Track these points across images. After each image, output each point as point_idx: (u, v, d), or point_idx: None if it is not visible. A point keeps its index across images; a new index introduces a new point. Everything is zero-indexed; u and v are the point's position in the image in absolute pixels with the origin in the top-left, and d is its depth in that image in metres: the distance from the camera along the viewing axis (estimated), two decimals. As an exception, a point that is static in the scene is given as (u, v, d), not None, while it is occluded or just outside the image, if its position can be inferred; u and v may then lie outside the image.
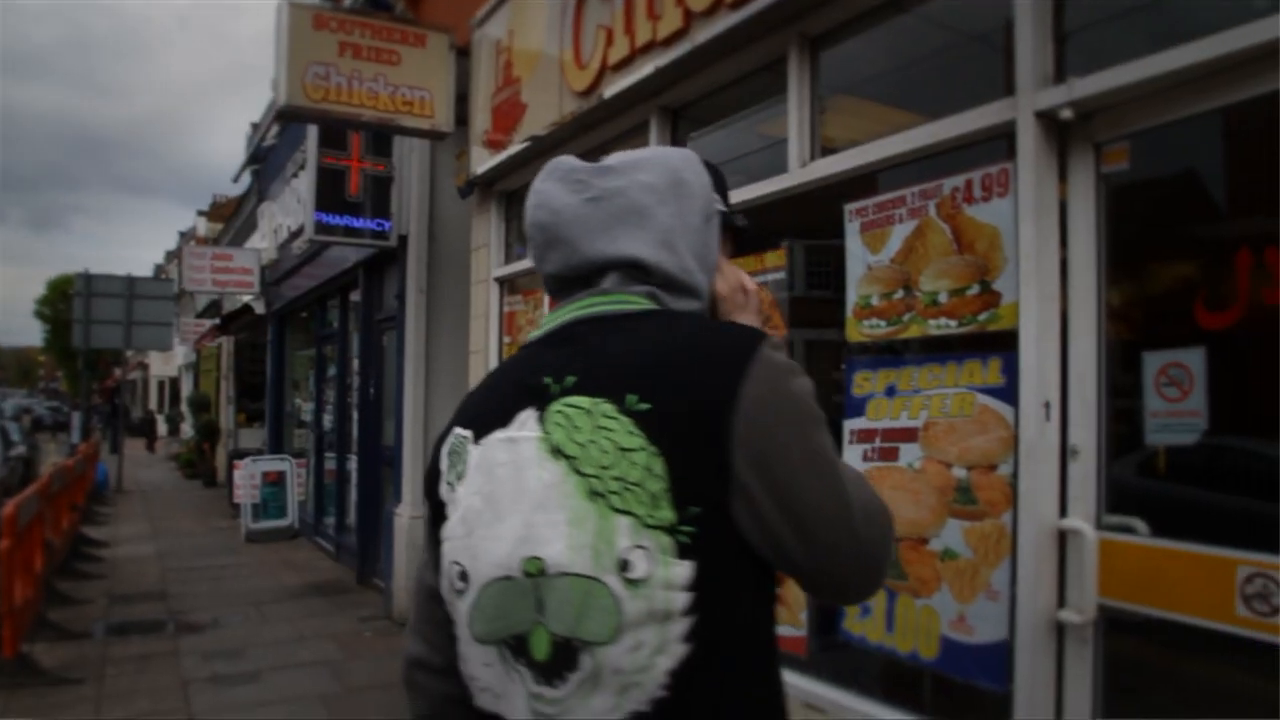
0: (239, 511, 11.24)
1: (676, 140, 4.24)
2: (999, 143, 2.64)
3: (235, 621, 7.04)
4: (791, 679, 3.28)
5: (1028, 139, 2.51)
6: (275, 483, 11.37)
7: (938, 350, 2.83)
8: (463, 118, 6.00)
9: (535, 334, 1.16)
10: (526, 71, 5.16)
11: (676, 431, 0.97)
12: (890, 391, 2.96)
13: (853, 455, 3.07)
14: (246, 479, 11.14)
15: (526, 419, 1.05)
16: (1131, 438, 2.43)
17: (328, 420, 10.64)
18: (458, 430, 1.15)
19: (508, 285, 5.88)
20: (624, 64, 4.13)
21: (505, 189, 5.87)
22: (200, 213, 32.89)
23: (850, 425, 3.10)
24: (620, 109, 4.42)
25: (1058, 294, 2.51)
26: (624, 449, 0.97)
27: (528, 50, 5.14)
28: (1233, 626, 2.10)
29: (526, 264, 5.46)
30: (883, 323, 2.99)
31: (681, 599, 0.95)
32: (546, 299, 5.00)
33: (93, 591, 7.94)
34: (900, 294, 2.93)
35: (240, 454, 12.93)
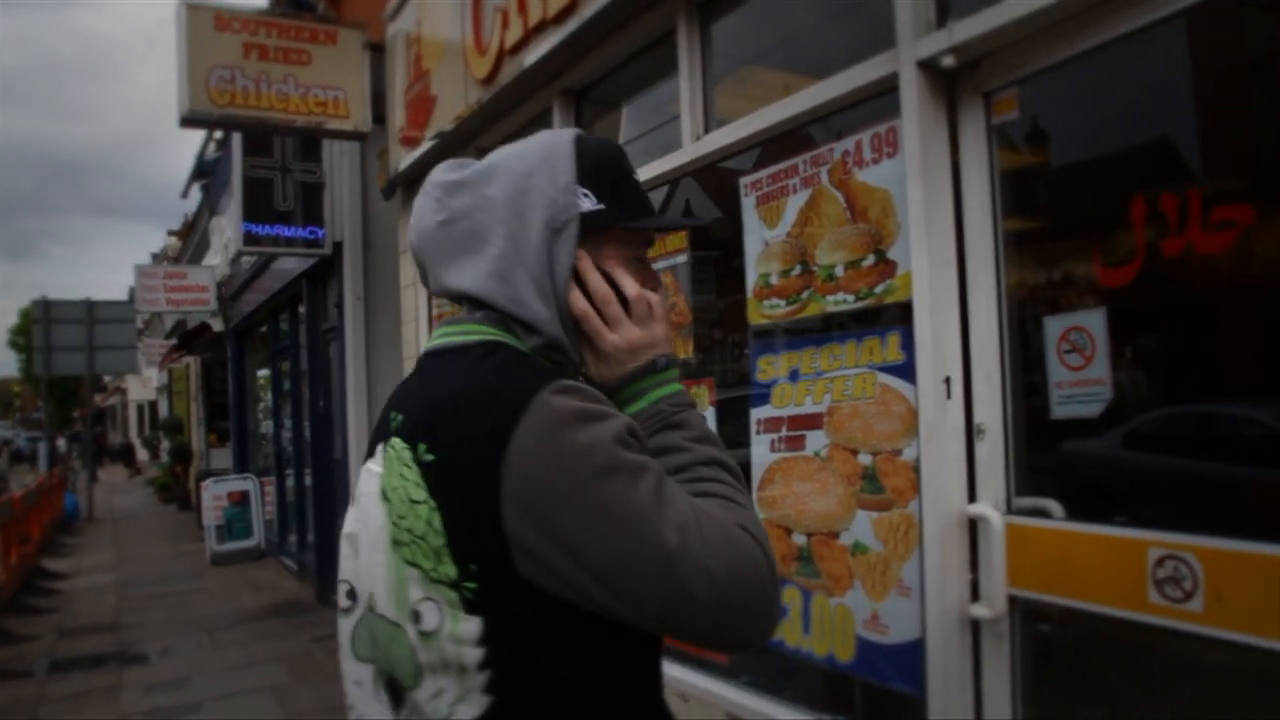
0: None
1: (580, 126, 4.03)
2: (890, 99, 2.42)
3: (185, 650, 6.80)
4: (714, 688, 3.07)
5: (911, 92, 2.30)
6: (240, 503, 11.08)
7: (839, 329, 2.62)
8: (382, 116, 5.77)
9: (422, 350, 1.13)
10: (435, 62, 4.94)
11: (451, 486, 0.93)
12: (794, 376, 2.75)
13: (760, 446, 2.86)
14: (210, 500, 10.88)
15: (379, 453, 1.04)
16: (1042, 412, 2.23)
17: (286, 436, 10.40)
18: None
19: (436, 287, 5.65)
20: (520, 46, 3.91)
21: (429, 187, 5.63)
22: (171, 232, 32.46)
23: (756, 414, 2.89)
24: (522, 95, 4.20)
25: (954, 260, 2.30)
26: (412, 500, 0.94)
27: (435, 40, 4.91)
28: (1145, 615, 1.90)
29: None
30: (782, 302, 2.78)
31: (473, 653, 0.92)
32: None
33: (42, 627, 7.69)
34: (798, 270, 2.72)
35: (207, 475, 12.67)
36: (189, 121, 5.22)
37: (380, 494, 0.99)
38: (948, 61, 2.22)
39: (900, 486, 2.39)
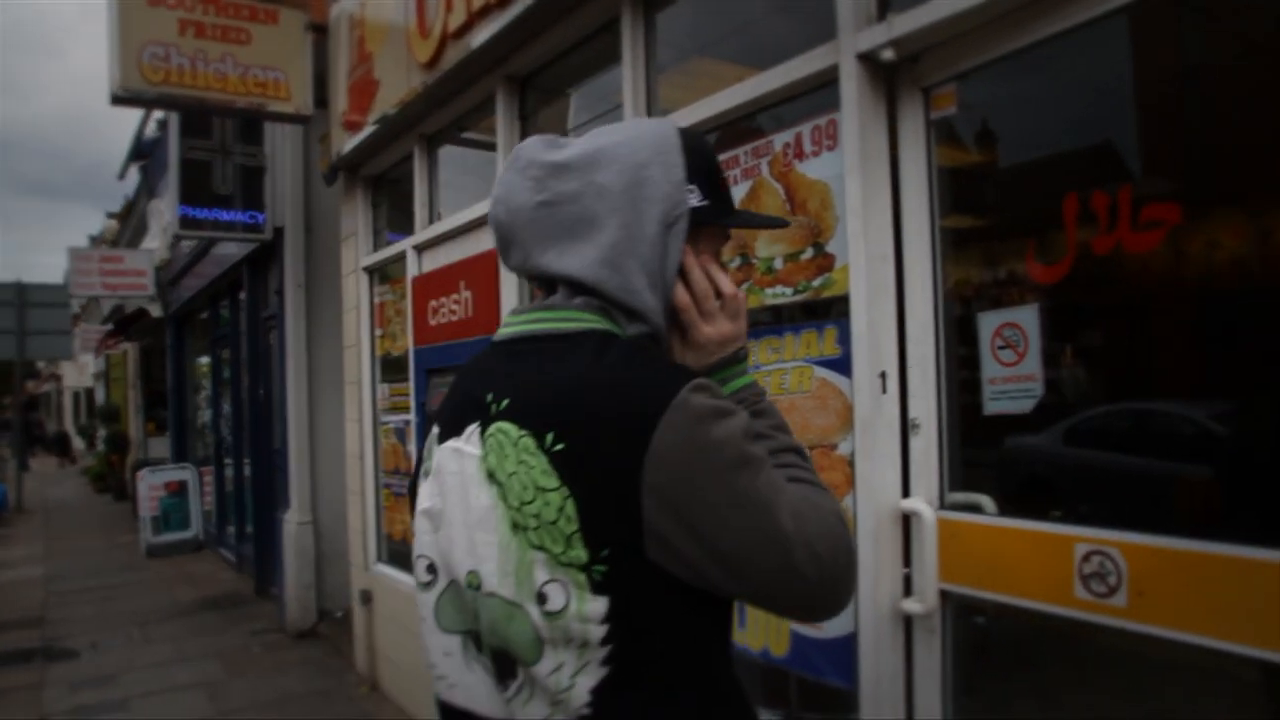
0: (142, 525, 10.71)
1: (524, 114, 3.97)
2: (830, 92, 2.40)
3: (114, 645, 6.62)
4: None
5: (851, 84, 2.28)
6: (177, 493, 10.87)
7: (777, 322, 2.60)
8: (325, 99, 5.65)
9: (499, 333, 1.15)
10: (378, 45, 4.83)
11: (589, 475, 0.97)
12: (732, 369, 2.73)
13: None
14: (146, 490, 10.62)
15: (472, 433, 1.06)
16: (976, 408, 2.23)
17: (226, 425, 10.18)
18: (434, 428, 1.17)
19: (377, 275, 5.55)
20: (463, 30, 3.83)
21: (371, 173, 5.53)
22: (110, 215, 31.58)
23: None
24: (466, 80, 4.13)
25: (891, 254, 2.29)
26: (540, 487, 0.98)
27: (379, 22, 4.81)
28: (1072, 610, 1.91)
29: (396, 250, 5.14)
30: (722, 295, 2.76)
31: (598, 630, 0.98)
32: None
33: (-39, 622, 7.44)
34: (737, 262, 2.70)
35: (144, 464, 12.36)
36: (120, 100, 5.04)
37: (484, 476, 1.03)
38: (887, 55, 2.21)
39: (835, 481, 2.38)
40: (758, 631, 2.66)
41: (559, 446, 0.98)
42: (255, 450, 8.20)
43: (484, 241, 4.15)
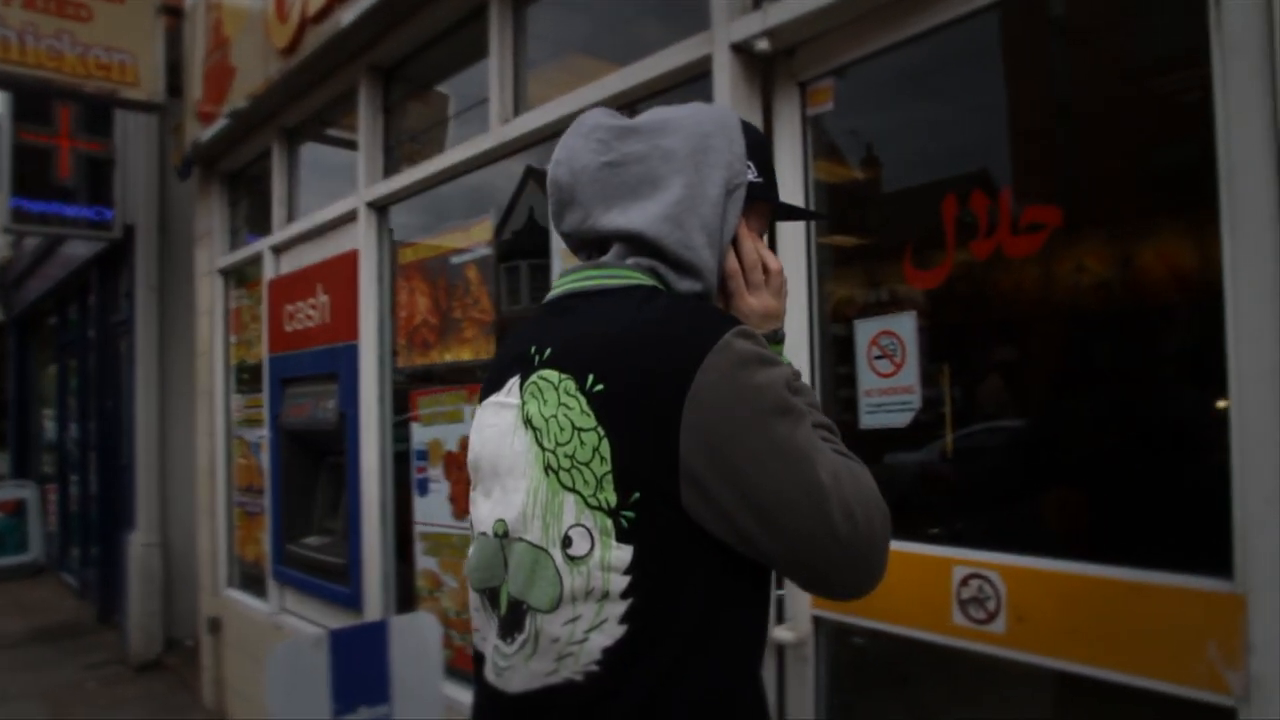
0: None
1: (388, 106, 3.71)
2: (704, 84, 2.26)
3: (-74, 683, 5.95)
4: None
5: (724, 76, 2.14)
6: (15, 513, 9.99)
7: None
8: (179, 87, 5.24)
9: (549, 296, 1.16)
10: (236, 29, 4.49)
11: (626, 415, 0.96)
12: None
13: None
14: (-21, 510, 9.74)
15: (513, 386, 1.08)
16: (854, 424, 2.10)
17: (71, 439, 9.43)
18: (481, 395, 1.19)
19: (234, 277, 5.17)
20: (324, 13, 3.56)
21: (229, 168, 5.15)
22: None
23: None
24: (327, 70, 3.85)
25: (765, 258, 2.15)
26: (577, 428, 0.97)
27: (237, 4, 4.47)
28: (949, 637, 1.79)
29: (253, 251, 4.79)
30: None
31: (620, 581, 0.96)
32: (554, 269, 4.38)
33: None
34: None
35: (-22, 482, 11.36)
36: (-64, 76, 4.56)
37: (522, 423, 1.03)
38: (762, 46, 2.08)
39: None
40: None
41: (599, 388, 0.98)
42: (102, 466, 7.58)
43: (344, 242, 3.87)
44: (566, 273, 1.15)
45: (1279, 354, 1.39)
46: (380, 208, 3.68)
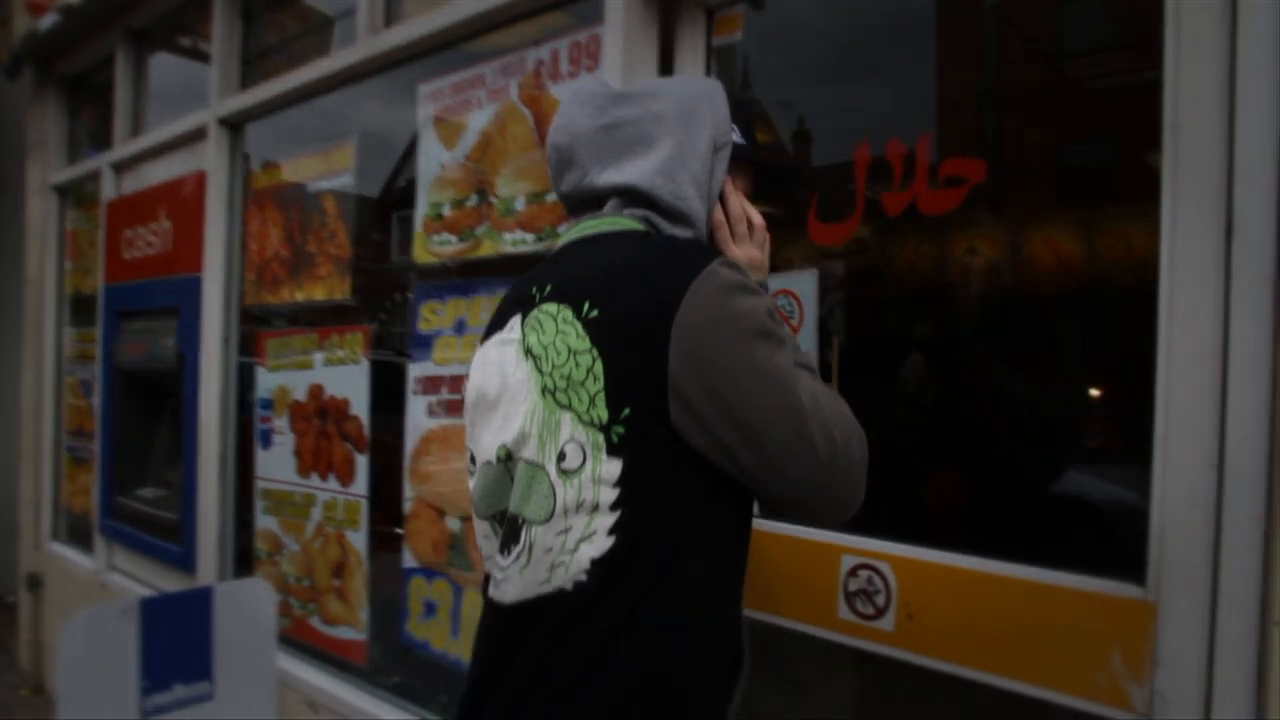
0: None
1: (248, 13, 3.30)
2: (596, 3, 1.99)
3: None
4: (350, 696, 2.57)
5: (617, -8, 1.88)
6: None
7: (515, 272, 2.17)
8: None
9: (551, 253, 1.21)
10: (75, -88, 3.95)
11: (618, 336, 1.02)
12: (460, 328, 2.27)
13: (417, 409, 2.37)
14: None
15: (515, 323, 1.15)
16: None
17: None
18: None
19: (71, 196, 4.64)
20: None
21: (68, 72, 4.59)
22: None
23: (415, 371, 2.39)
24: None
25: (652, 201, 1.91)
26: (573, 351, 1.04)
27: (76, -116, 3.92)
28: (836, 633, 1.62)
29: (91, 167, 4.28)
30: (454, 238, 2.30)
31: (609, 494, 1.01)
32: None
33: None
34: (474, 200, 2.24)
35: None
36: None
37: (523, 354, 1.10)
38: (664, -42, 1.82)
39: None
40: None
41: (594, 314, 1.04)
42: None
43: (192, 163, 3.45)
44: (571, 226, 1.21)
45: (1215, 334, 1.23)
46: (234, 125, 3.28)
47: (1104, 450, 1.69)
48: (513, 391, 1.10)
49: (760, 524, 1.77)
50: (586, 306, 1.04)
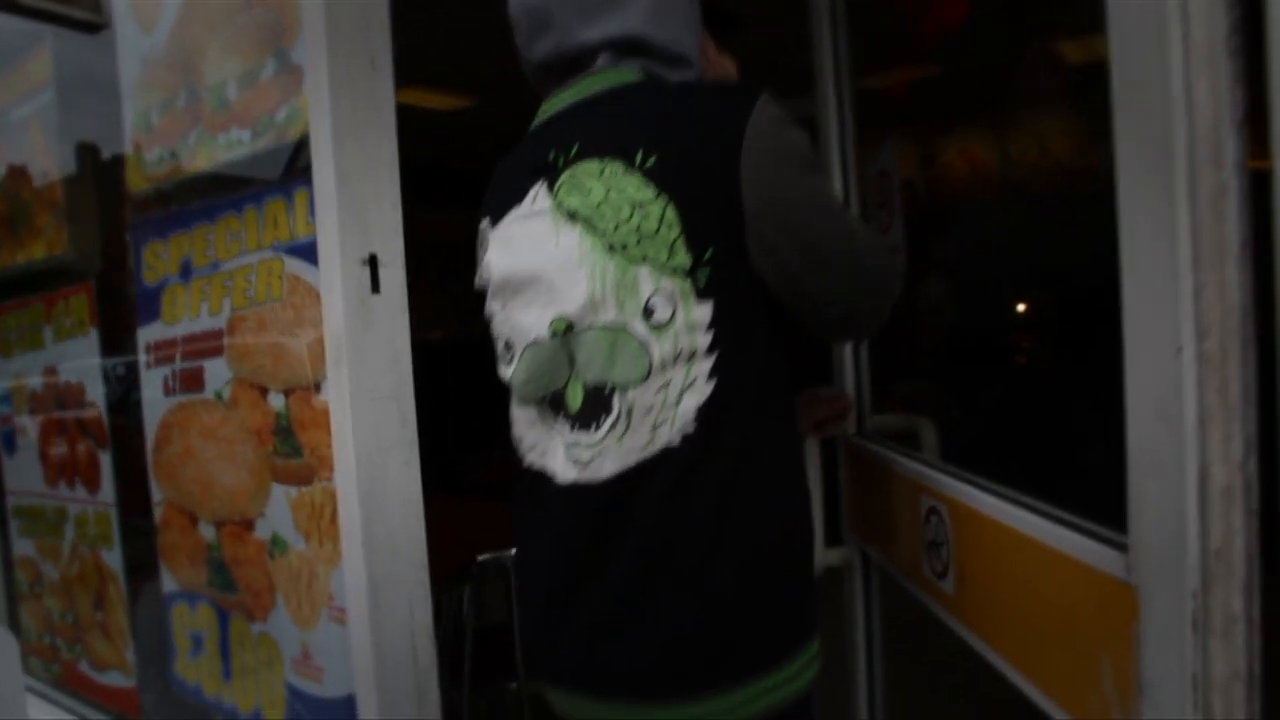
0: None
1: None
2: None
3: None
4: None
5: None
6: None
7: (236, 189, 1.60)
8: None
9: (535, 124, 1.16)
10: None
11: (686, 180, 1.00)
12: (186, 272, 1.71)
13: (152, 385, 1.81)
14: None
15: (538, 193, 1.09)
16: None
17: None
18: (480, 225, 1.20)
19: None
20: None
21: None
22: None
23: (145, 336, 1.82)
24: None
25: (389, 58, 1.36)
26: (637, 203, 1.00)
27: None
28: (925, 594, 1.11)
29: None
30: (167, 153, 1.72)
31: (704, 339, 1.01)
32: None
33: None
34: (183, 99, 1.67)
35: None
36: None
37: (564, 219, 1.05)
38: None
39: (318, 444, 1.45)
40: (246, 683, 1.70)
41: (650, 161, 1.01)
42: None
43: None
44: (553, 96, 1.13)
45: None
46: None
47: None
48: (559, 262, 1.06)
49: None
50: (640, 156, 1.01)
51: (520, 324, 1.11)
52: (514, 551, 1.20)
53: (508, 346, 1.15)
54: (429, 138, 5.48)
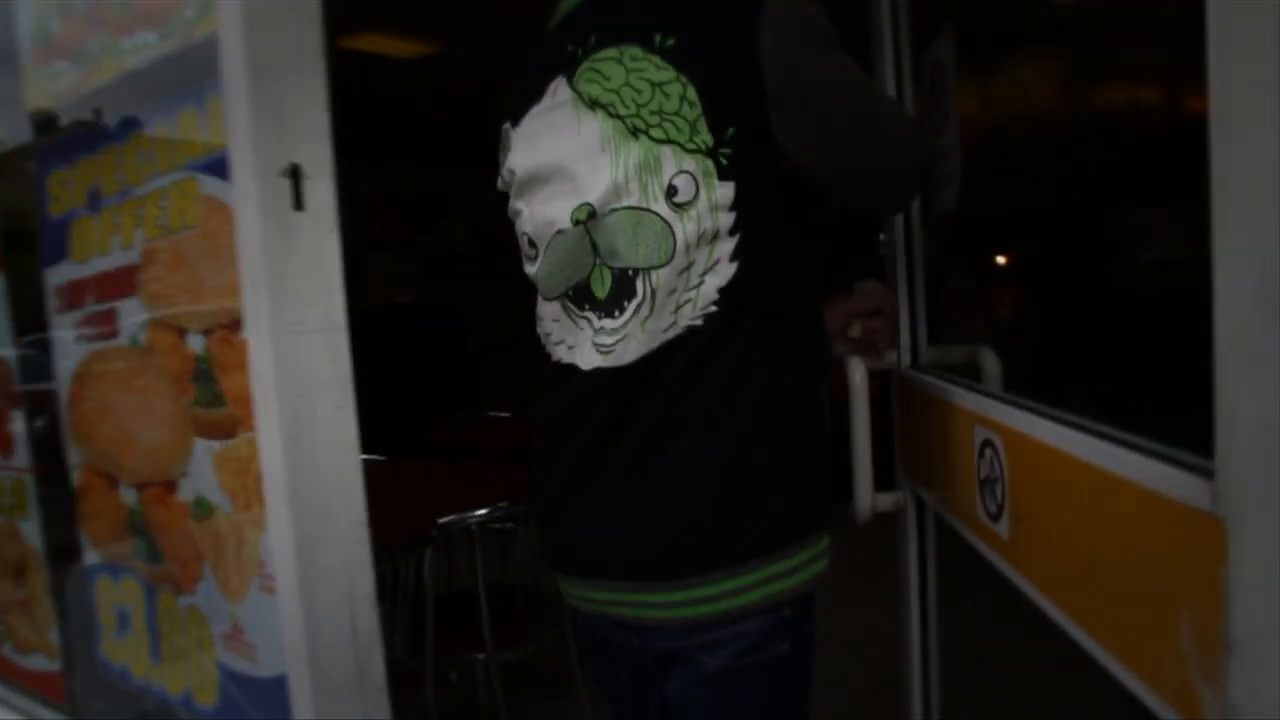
0: None
1: None
2: None
3: None
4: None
5: None
6: None
7: (144, 102, 1.40)
8: None
9: (552, 23, 1.17)
10: None
11: (706, 58, 1.00)
12: (94, 202, 1.51)
13: (65, 333, 1.61)
14: None
15: (558, 86, 1.10)
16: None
17: None
18: (503, 127, 1.21)
19: None
20: None
21: None
22: None
23: (54, 278, 1.62)
24: None
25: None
26: (657, 84, 0.99)
27: None
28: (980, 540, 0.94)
29: None
30: (68, 64, 1.52)
31: (727, 219, 1.03)
32: None
33: None
34: (83, 0, 1.46)
35: None
36: None
37: (586, 106, 1.06)
38: None
39: (242, 390, 1.27)
40: (175, 663, 1.53)
41: (669, 42, 1.01)
42: None
43: None
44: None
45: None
46: None
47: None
48: (581, 151, 1.05)
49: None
50: (659, 38, 1.02)
51: (544, 216, 1.12)
52: (531, 440, 1.18)
53: (532, 244, 1.17)
54: (390, 86, 5.25)
